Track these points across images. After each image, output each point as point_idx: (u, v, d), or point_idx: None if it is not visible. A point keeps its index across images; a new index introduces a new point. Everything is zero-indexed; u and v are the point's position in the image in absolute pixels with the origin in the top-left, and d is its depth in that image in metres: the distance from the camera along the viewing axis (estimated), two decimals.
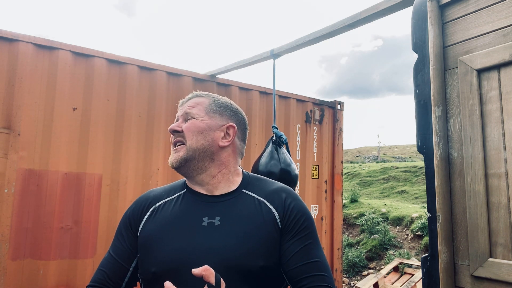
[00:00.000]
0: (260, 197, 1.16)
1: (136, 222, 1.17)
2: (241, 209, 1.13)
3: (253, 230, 1.08)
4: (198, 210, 1.13)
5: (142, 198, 1.24)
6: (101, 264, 1.19)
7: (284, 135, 2.42)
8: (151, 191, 1.27)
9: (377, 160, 31.75)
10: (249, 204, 1.14)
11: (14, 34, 2.88)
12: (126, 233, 1.19)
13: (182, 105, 1.23)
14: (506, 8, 1.46)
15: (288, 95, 4.43)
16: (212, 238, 1.07)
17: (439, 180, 1.58)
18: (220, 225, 1.09)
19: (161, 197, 1.20)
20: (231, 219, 1.11)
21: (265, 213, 1.12)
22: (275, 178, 2.30)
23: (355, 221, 9.64)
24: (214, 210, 1.13)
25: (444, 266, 1.54)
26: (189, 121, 1.18)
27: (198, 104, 1.22)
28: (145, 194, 1.26)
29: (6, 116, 2.84)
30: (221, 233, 1.08)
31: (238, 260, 1.04)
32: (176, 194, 1.20)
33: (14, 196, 2.81)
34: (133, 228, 1.17)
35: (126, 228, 1.19)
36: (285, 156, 2.37)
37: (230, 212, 1.12)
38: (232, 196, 1.17)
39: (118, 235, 1.21)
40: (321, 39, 2.81)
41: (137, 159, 3.35)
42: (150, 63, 3.49)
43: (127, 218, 1.21)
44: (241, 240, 1.06)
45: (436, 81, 1.62)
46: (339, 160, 4.88)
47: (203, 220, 1.11)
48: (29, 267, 2.83)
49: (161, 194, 1.22)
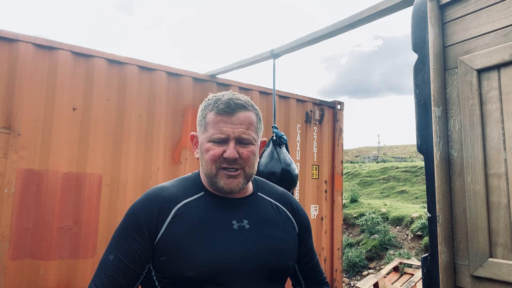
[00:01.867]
0: (275, 201, 1.28)
1: (154, 225, 1.10)
2: (263, 212, 1.21)
3: (280, 233, 1.20)
4: (225, 213, 1.15)
5: (157, 198, 1.14)
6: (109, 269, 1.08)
7: (284, 135, 2.42)
8: (162, 189, 1.18)
9: (377, 160, 31.75)
10: (269, 208, 1.24)
11: (14, 34, 2.88)
12: (139, 236, 1.09)
13: (230, 119, 1.13)
14: (506, 8, 1.46)
15: (288, 95, 4.43)
16: (246, 241, 1.12)
17: (439, 180, 1.58)
18: (250, 228, 1.14)
19: (179, 198, 1.16)
20: (258, 222, 1.17)
21: (284, 217, 1.26)
22: (275, 178, 2.30)
23: (355, 221, 9.64)
24: (240, 213, 1.16)
25: (444, 266, 1.54)
26: (248, 149, 1.14)
27: (251, 124, 1.16)
28: (156, 193, 1.17)
29: (6, 116, 2.84)
30: (253, 236, 1.13)
31: (273, 261, 1.14)
32: (195, 195, 1.17)
33: (14, 196, 2.81)
34: (150, 231, 1.09)
35: (138, 231, 1.10)
36: (285, 156, 2.37)
37: (256, 216, 1.18)
38: (252, 199, 1.22)
39: (127, 238, 1.10)
40: (321, 39, 2.81)
41: (137, 159, 3.35)
42: (150, 63, 3.49)
43: (138, 221, 1.11)
44: (273, 242, 1.16)
45: (436, 81, 1.62)
46: (339, 160, 4.88)
47: (233, 223, 1.13)
48: (29, 267, 2.83)
49: (177, 194, 1.17)
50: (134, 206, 1.16)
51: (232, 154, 1.11)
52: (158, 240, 1.09)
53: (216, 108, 1.14)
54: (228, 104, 1.14)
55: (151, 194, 1.17)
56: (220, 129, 1.12)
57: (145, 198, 1.16)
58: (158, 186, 1.22)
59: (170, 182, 1.24)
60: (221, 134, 1.12)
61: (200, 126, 1.19)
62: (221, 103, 1.14)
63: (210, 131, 1.14)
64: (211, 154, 1.13)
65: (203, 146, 1.16)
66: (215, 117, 1.14)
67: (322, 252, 4.63)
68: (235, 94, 1.19)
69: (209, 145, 1.14)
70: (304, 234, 1.32)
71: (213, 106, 1.15)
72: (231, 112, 1.13)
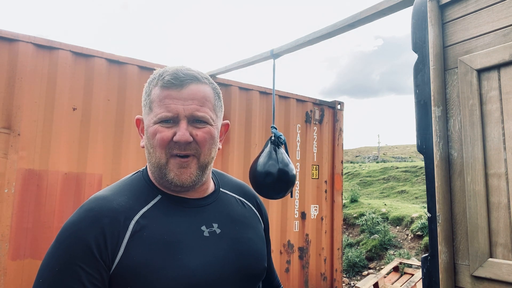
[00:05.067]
0: (239, 196, 1.13)
1: (108, 247, 0.85)
2: (231, 211, 1.06)
3: (251, 233, 1.06)
4: (192, 219, 0.96)
5: (105, 212, 0.88)
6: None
7: (283, 135, 2.42)
8: (106, 199, 0.92)
9: (377, 160, 31.75)
10: (235, 205, 1.09)
11: (14, 34, 2.87)
12: (88, 264, 0.82)
13: (179, 93, 0.93)
14: (506, 8, 1.46)
15: (288, 95, 4.43)
16: (220, 250, 0.96)
17: (439, 180, 1.58)
18: (221, 233, 0.98)
19: (133, 208, 0.92)
20: (228, 225, 1.01)
21: (251, 213, 1.12)
22: (273, 178, 2.30)
23: (355, 221, 9.64)
24: (208, 217, 0.99)
25: (444, 266, 1.54)
26: (204, 129, 0.94)
27: (206, 99, 0.96)
28: (102, 206, 0.90)
29: (6, 116, 2.84)
30: (226, 242, 0.98)
31: (250, 266, 1.01)
32: (151, 202, 0.95)
33: (14, 196, 2.81)
34: (104, 256, 0.84)
35: (86, 258, 0.82)
36: (283, 156, 2.37)
37: (225, 217, 1.02)
38: (216, 197, 1.05)
39: (68, 271, 0.82)
40: (321, 39, 2.80)
41: (137, 159, 3.35)
42: (150, 63, 3.49)
43: (85, 243, 0.83)
44: (247, 246, 1.02)
45: (436, 81, 1.62)
46: (339, 160, 4.88)
47: (202, 230, 0.95)
48: (29, 267, 2.83)
49: (129, 203, 0.92)
50: (72, 225, 0.87)
51: (184, 136, 0.90)
52: (116, 266, 0.84)
53: (162, 81, 0.93)
54: (175, 75, 0.93)
55: (94, 208, 0.89)
56: (167, 106, 0.91)
57: (87, 213, 0.88)
58: (98, 196, 0.93)
59: (111, 190, 0.96)
60: (168, 112, 0.91)
61: (145, 107, 0.98)
62: (167, 75, 0.93)
63: (155, 110, 0.93)
64: (159, 138, 0.91)
65: (149, 130, 0.94)
66: (161, 92, 0.93)
67: (322, 252, 4.63)
68: (184, 65, 0.99)
69: (155, 127, 0.92)
70: (267, 231, 1.20)
71: (158, 79, 0.95)
72: (180, 85, 0.92)
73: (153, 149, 0.94)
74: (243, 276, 0.98)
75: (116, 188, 0.97)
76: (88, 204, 0.90)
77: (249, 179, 2.41)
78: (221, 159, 3.92)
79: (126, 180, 1.01)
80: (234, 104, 4.01)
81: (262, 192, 2.32)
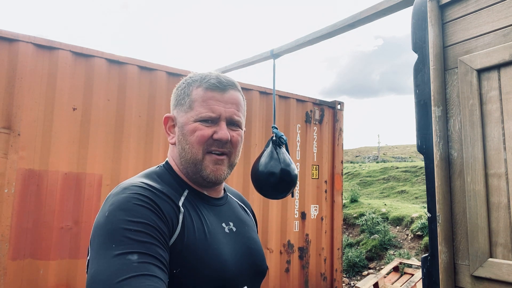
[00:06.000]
0: (238, 201, 1.21)
1: (169, 218, 0.86)
2: (239, 214, 1.13)
3: (255, 235, 1.14)
4: (215, 216, 1.02)
5: (157, 192, 0.89)
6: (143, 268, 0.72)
7: (284, 135, 2.41)
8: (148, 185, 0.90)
9: (377, 160, 31.75)
10: (239, 209, 1.17)
11: (14, 34, 2.88)
12: (164, 230, 0.83)
13: (222, 96, 0.98)
14: (506, 8, 1.46)
15: (288, 95, 4.43)
16: (239, 245, 1.02)
17: (439, 180, 1.58)
18: (237, 231, 1.04)
19: (173, 198, 0.94)
20: (240, 224, 1.08)
21: (250, 217, 1.21)
22: (275, 178, 2.29)
23: (355, 221, 9.64)
24: (224, 215, 1.05)
25: (444, 266, 1.54)
26: (238, 132, 1.02)
27: (240, 105, 1.03)
28: (150, 187, 0.89)
29: (6, 116, 2.84)
30: (242, 240, 1.04)
31: (260, 264, 1.07)
32: (181, 194, 0.98)
33: (14, 196, 2.81)
34: (167, 224, 0.85)
35: (161, 224, 0.82)
36: (285, 156, 2.37)
37: (235, 217, 1.09)
38: (226, 200, 1.12)
39: (152, 234, 0.79)
40: (321, 39, 2.81)
41: (137, 159, 3.35)
42: (150, 63, 3.49)
43: (158, 209, 0.84)
44: (256, 245, 1.09)
45: (436, 81, 1.62)
46: (339, 160, 4.88)
47: (223, 226, 1.02)
48: (29, 267, 2.83)
49: (169, 191, 0.94)
50: (130, 194, 0.84)
51: (226, 135, 0.96)
52: (174, 242, 0.85)
53: (206, 84, 0.98)
54: (219, 79, 0.99)
55: (143, 186, 0.88)
56: (211, 107, 0.96)
57: (140, 189, 0.87)
58: (138, 182, 0.90)
59: (141, 177, 0.97)
60: (212, 113, 0.96)
61: (182, 105, 1.01)
62: (211, 78, 0.99)
63: (197, 109, 0.97)
64: (199, 135, 0.96)
65: (186, 127, 0.98)
66: (205, 93, 0.98)
67: (322, 252, 4.63)
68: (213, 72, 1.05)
69: (195, 125, 0.96)
70: None
71: (201, 82, 1.00)
72: (224, 89, 0.99)
73: (189, 145, 0.97)
74: (255, 273, 1.04)
75: (147, 177, 0.97)
76: (134, 185, 0.88)
77: (251, 179, 2.41)
78: None
79: (152, 172, 1.01)
80: None
81: (264, 192, 2.32)
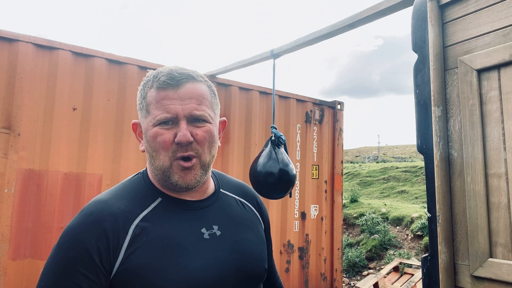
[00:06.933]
0: (239, 196, 1.13)
1: (109, 251, 0.85)
2: (231, 213, 1.06)
3: (251, 235, 1.06)
4: (192, 222, 0.96)
5: (105, 217, 0.88)
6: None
7: (283, 135, 2.42)
8: (106, 203, 0.91)
9: (377, 160, 31.75)
10: (235, 207, 1.08)
11: (14, 34, 2.88)
12: (88, 269, 0.83)
13: (176, 93, 0.91)
14: (506, 8, 1.46)
15: (288, 95, 4.43)
16: (221, 252, 0.95)
17: (439, 180, 1.58)
18: (221, 235, 0.98)
19: (133, 212, 0.91)
20: (228, 226, 1.01)
21: (251, 214, 1.12)
22: (274, 178, 2.30)
23: (355, 221, 9.64)
24: (208, 219, 0.99)
25: (444, 266, 1.54)
26: (204, 128, 0.94)
27: (203, 98, 0.95)
28: (102, 209, 0.89)
29: (6, 116, 2.84)
30: (227, 244, 0.97)
31: (250, 267, 1.01)
32: (151, 204, 0.95)
33: (14, 196, 2.81)
34: (104, 261, 0.84)
35: (86, 263, 0.83)
36: (283, 156, 2.37)
37: (225, 218, 1.02)
38: (216, 199, 1.05)
39: (69, 276, 0.82)
40: (321, 39, 2.81)
41: (137, 159, 3.35)
42: (150, 63, 3.49)
43: (85, 248, 0.84)
44: (248, 248, 1.02)
45: (436, 81, 1.62)
46: (339, 160, 4.88)
47: (203, 232, 0.95)
48: (29, 267, 2.83)
49: (129, 207, 0.92)
50: (73, 229, 0.87)
51: (185, 137, 0.89)
52: (117, 271, 0.85)
53: (157, 82, 0.92)
54: (171, 75, 0.92)
55: (94, 212, 0.89)
56: (166, 107, 0.90)
57: (87, 217, 0.88)
58: (98, 200, 0.93)
59: (111, 193, 0.96)
60: (167, 114, 0.90)
61: (141, 110, 0.96)
62: (162, 75, 0.92)
63: (153, 112, 0.91)
64: (161, 141, 0.90)
65: (148, 133, 0.93)
66: (157, 93, 0.91)
67: (322, 252, 4.63)
68: (177, 65, 0.98)
69: (155, 129, 0.91)
70: (268, 231, 1.19)
71: (153, 81, 0.93)
72: (176, 85, 0.91)
73: (156, 153, 0.93)
74: (243, 278, 0.98)
75: (116, 191, 0.96)
76: (88, 208, 0.90)
77: (249, 179, 2.41)
78: (221, 159, 3.92)
79: (126, 183, 1.00)
80: (234, 104, 4.01)
81: (262, 192, 2.33)
